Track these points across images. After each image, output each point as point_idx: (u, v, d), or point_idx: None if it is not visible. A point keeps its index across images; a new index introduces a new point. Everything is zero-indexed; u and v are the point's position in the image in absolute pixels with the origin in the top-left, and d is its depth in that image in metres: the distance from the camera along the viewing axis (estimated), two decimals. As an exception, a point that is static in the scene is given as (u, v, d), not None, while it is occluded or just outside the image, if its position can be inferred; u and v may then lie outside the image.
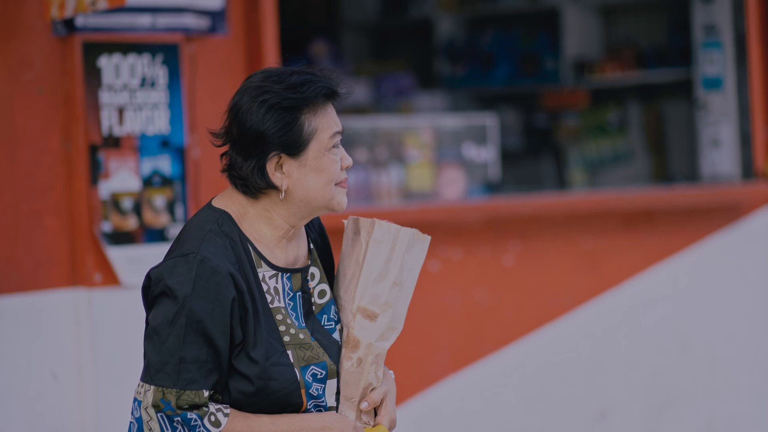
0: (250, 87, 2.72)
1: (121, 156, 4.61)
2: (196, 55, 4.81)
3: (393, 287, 2.81)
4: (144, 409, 2.64)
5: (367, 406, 2.81)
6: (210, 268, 2.64)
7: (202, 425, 2.63)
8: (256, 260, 2.72)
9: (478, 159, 6.44)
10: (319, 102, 2.72)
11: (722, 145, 6.70)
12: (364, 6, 9.03)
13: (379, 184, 6.05)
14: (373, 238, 2.81)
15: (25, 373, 4.46)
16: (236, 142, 2.71)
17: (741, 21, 6.62)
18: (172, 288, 2.64)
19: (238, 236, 2.71)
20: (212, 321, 2.63)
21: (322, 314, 2.82)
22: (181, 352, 2.62)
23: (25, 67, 4.50)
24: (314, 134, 2.71)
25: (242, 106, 2.70)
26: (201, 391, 2.62)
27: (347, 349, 2.79)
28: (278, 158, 2.70)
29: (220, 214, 2.73)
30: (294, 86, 2.70)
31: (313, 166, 2.72)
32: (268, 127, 2.68)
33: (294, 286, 2.77)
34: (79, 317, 4.57)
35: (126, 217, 4.62)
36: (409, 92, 7.78)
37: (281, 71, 2.74)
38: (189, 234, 2.71)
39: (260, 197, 2.74)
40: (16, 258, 4.48)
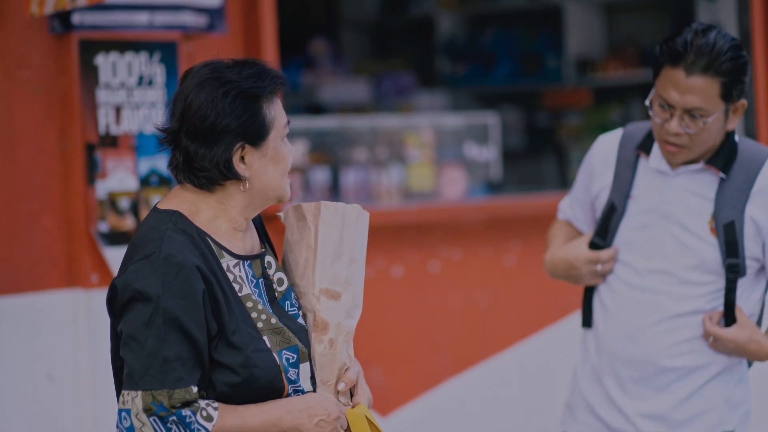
0: (206, 80, 2.71)
1: (118, 155, 4.61)
2: (194, 54, 4.81)
3: (350, 264, 2.84)
4: (135, 417, 2.62)
5: (344, 386, 2.82)
6: (176, 264, 2.63)
7: (196, 421, 2.62)
8: (218, 251, 2.72)
9: (479, 158, 6.44)
10: (274, 92, 2.75)
11: None
12: (364, 4, 9.04)
13: (379, 184, 6.05)
14: (321, 220, 2.83)
15: (23, 374, 4.46)
16: (196, 135, 2.69)
17: (746, 19, 6.62)
18: (142, 291, 2.62)
19: (195, 231, 2.71)
20: (188, 316, 2.62)
21: (285, 300, 2.83)
22: (163, 352, 2.60)
23: (22, 65, 4.49)
24: (272, 123, 2.73)
25: (202, 100, 2.68)
26: (190, 388, 2.62)
27: (317, 332, 2.81)
28: (242, 149, 2.71)
29: (172, 214, 2.72)
30: (251, 77, 2.71)
31: (272, 156, 2.74)
32: (234, 118, 2.68)
33: (256, 273, 2.78)
34: (76, 318, 4.57)
35: (123, 217, 4.62)
36: (409, 91, 7.79)
37: (226, 63, 2.74)
38: (144, 237, 2.69)
39: (216, 190, 2.74)
40: (13, 258, 4.48)
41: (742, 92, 3.38)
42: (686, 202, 3.45)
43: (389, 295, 5.56)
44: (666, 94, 3.34)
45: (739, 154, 3.44)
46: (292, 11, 8.22)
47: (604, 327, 3.55)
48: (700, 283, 3.44)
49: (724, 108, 3.35)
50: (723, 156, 3.43)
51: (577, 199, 3.70)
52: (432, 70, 8.71)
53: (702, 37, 3.32)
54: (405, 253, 5.59)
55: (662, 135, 3.39)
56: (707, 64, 3.30)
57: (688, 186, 3.45)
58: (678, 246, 3.45)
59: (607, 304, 3.54)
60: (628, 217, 3.52)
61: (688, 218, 3.44)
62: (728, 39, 3.35)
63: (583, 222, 3.69)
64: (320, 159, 5.98)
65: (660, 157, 3.47)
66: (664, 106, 3.35)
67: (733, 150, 3.44)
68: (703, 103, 3.32)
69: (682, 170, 3.45)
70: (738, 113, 3.41)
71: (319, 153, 6.01)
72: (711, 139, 3.37)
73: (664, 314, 3.45)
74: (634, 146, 3.54)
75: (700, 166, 3.44)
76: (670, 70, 3.33)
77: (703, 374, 3.47)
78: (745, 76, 3.37)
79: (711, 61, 3.30)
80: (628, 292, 3.50)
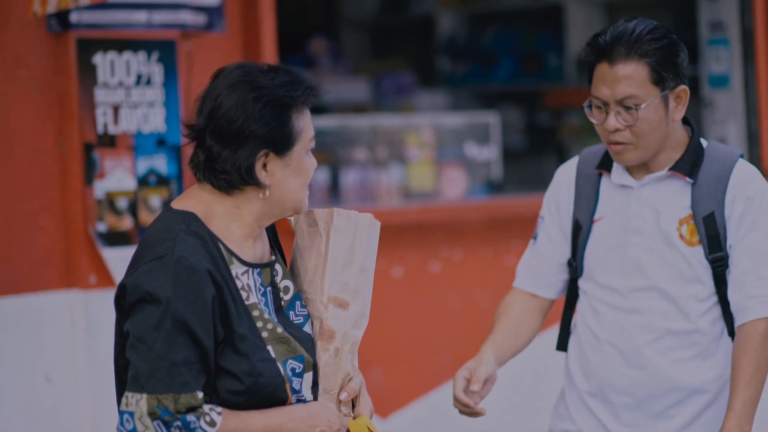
0: (239, 82, 2.69)
1: (116, 155, 4.61)
2: (192, 53, 4.80)
3: (360, 274, 2.82)
4: (138, 420, 2.59)
5: (347, 396, 2.81)
6: (188, 267, 2.60)
7: (199, 426, 2.60)
8: (228, 258, 2.69)
9: (480, 158, 6.43)
10: (305, 104, 2.73)
11: (729, 143, 6.67)
12: (364, 3, 9.05)
13: (379, 184, 6.04)
14: (334, 227, 2.81)
15: (21, 375, 4.46)
16: (222, 136, 2.67)
17: (748, 17, 6.61)
18: (152, 293, 2.59)
19: (207, 235, 2.68)
20: (197, 321, 2.60)
21: (289, 310, 2.81)
22: (171, 356, 2.57)
23: (19, 64, 4.49)
24: (300, 134, 2.71)
25: (232, 102, 2.66)
26: (195, 393, 2.60)
27: (323, 341, 2.79)
28: (265, 156, 2.69)
29: (186, 215, 2.69)
30: (284, 85, 2.69)
31: (295, 167, 2.72)
32: (260, 125, 2.66)
33: (264, 281, 2.76)
34: (74, 319, 4.56)
35: (121, 218, 4.62)
36: (409, 90, 7.78)
37: (262, 67, 2.72)
38: (156, 238, 2.66)
39: (234, 193, 2.71)
40: (11, 259, 4.47)
41: (678, 76, 3.23)
42: (656, 213, 3.30)
43: (389, 296, 5.55)
44: (597, 91, 3.22)
45: (707, 158, 3.30)
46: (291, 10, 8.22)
47: (592, 354, 3.39)
48: (687, 295, 3.29)
49: (659, 94, 3.19)
50: (687, 161, 3.28)
51: (547, 243, 3.48)
52: (432, 69, 8.71)
53: (621, 27, 3.22)
54: (405, 253, 5.58)
55: (605, 136, 3.26)
56: (627, 49, 3.18)
57: (656, 196, 3.31)
58: (656, 259, 3.30)
59: (594, 329, 3.38)
60: (599, 238, 3.36)
61: (660, 229, 3.29)
62: (650, 24, 3.23)
63: (547, 283, 3.47)
64: (320, 158, 5.95)
65: (621, 171, 3.34)
66: (599, 105, 3.24)
67: (699, 154, 3.30)
68: (633, 89, 3.18)
69: (646, 180, 3.31)
70: (682, 101, 3.25)
71: (319, 152, 5.99)
72: (655, 131, 3.22)
73: (656, 333, 3.30)
74: (593, 167, 3.40)
75: (663, 173, 3.29)
76: (597, 68, 3.23)
77: (703, 397, 3.32)
78: (676, 57, 3.22)
79: (631, 45, 3.18)
80: (615, 315, 3.34)
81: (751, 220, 3.26)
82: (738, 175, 3.29)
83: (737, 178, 3.29)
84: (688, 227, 3.28)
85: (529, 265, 3.52)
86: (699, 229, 3.27)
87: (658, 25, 3.25)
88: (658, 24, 3.26)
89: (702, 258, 3.27)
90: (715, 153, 3.32)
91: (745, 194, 3.27)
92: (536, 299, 3.50)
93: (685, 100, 3.25)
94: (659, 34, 3.22)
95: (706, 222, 3.27)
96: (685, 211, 3.28)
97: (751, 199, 3.26)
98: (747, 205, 3.26)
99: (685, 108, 3.26)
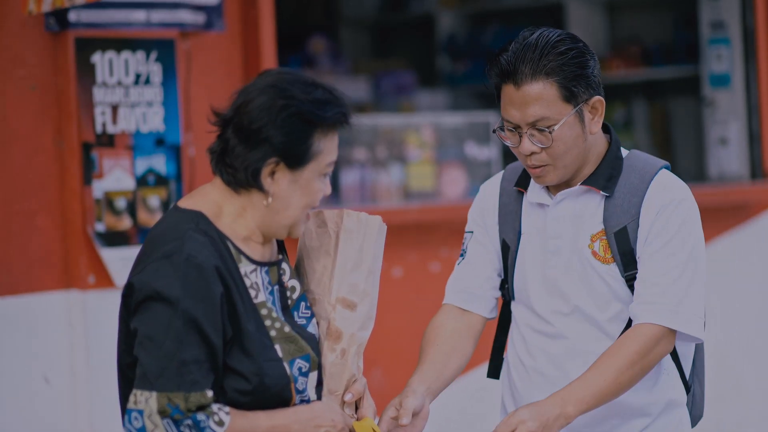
0: (273, 86, 2.70)
1: (115, 154, 4.61)
2: (191, 52, 4.80)
3: (368, 276, 2.83)
4: (147, 418, 2.59)
5: (351, 397, 2.82)
6: (196, 265, 2.60)
7: (208, 426, 2.59)
8: (236, 256, 2.70)
9: (481, 158, 6.42)
10: (333, 127, 2.72)
11: (730, 143, 6.70)
12: (364, 2, 9.06)
13: (378, 184, 6.05)
14: (343, 228, 2.82)
15: (18, 376, 4.46)
16: (241, 132, 2.69)
17: (750, 16, 6.63)
18: (161, 291, 2.59)
19: (215, 233, 2.69)
20: (206, 319, 2.60)
21: (294, 310, 2.82)
22: (181, 355, 2.58)
23: (17, 63, 4.49)
24: (317, 155, 2.70)
25: (261, 103, 2.68)
26: (205, 392, 2.60)
27: (330, 341, 2.79)
28: (275, 165, 2.69)
29: (194, 215, 2.70)
30: (317, 102, 2.69)
31: (303, 185, 2.71)
32: (279, 133, 2.66)
33: (272, 280, 2.77)
34: (72, 320, 4.56)
35: (120, 217, 4.62)
36: (409, 90, 7.78)
37: (305, 80, 2.72)
38: (164, 236, 2.67)
39: (241, 193, 2.72)
40: (9, 259, 4.47)
41: (590, 87, 3.00)
42: (572, 230, 3.07)
43: (389, 296, 5.53)
44: (507, 114, 3.01)
45: (626, 169, 3.06)
46: (290, 9, 8.22)
47: (521, 382, 3.18)
48: (609, 317, 3.05)
49: (572, 111, 2.97)
50: (602, 173, 3.05)
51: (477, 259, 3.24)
52: (432, 68, 8.70)
53: (522, 43, 2.99)
54: (405, 253, 5.57)
55: (522, 160, 3.05)
56: (532, 69, 2.95)
57: (571, 212, 3.08)
58: (574, 280, 3.06)
59: (521, 357, 3.17)
60: (523, 259, 3.14)
61: (576, 247, 3.06)
62: (554, 34, 2.99)
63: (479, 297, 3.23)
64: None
65: (538, 189, 3.12)
66: (511, 129, 3.03)
67: (617, 166, 3.06)
68: (543, 111, 2.96)
69: (560, 197, 3.08)
70: (598, 112, 3.03)
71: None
72: (573, 149, 3.00)
73: (583, 357, 3.05)
74: (513, 185, 3.19)
75: (577, 188, 3.06)
76: (504, 89, 3.02)
77: (642, 421, 3.09)
78: (585, 69, 2.98)
79: (535, 64, 2.95)
80: (540, 342, 3.12)
81: (660, 226, 3.02)
82: (655, 186, 3.06)
83: (654, 190, 3.05)
84: (602, 243, 3.04)
85: (458, 280, 3.27)
86: (611, 245, 3.03)
87: (562, 36, 3.01)
88: (562, 33, 3.02)
89: (618, 276, 3.04)
90: (634, 164, 3.09)
91: (659, 204, 3.03)
92: (468, 316, 3.25)
93: (602, 110, 3.04)
94: (564, 47, 2.98)
95: (617, 237, 3.03)
96: (598, 227, 3.05)
97: (664, 207, 3.03)
98: (658, 214, 3.02)
99: (602, 117, 3.04)
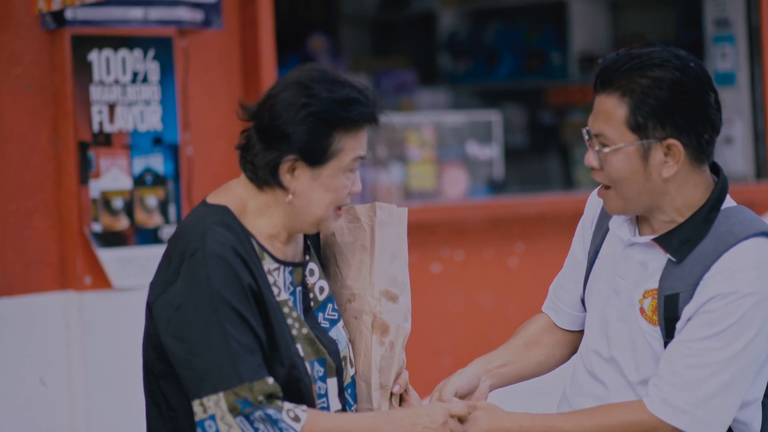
0: (298, 83, 2.69)
1: (111, 154, 4.60)
2: (189, 50, 4.79)
3: (404, 267, 2.85)
4: (221, 421, 2.58)
5: (399, 388, 2.82)
6: (221, 257, 2.61)
7: (282, 420, 2.58)
8: (260, 252, 2.71)
9: (482, 157, 6.42)
10: (357, 126, 2.71)
11: (735, 142, 6.70)
12: (364, 0, 9.05)
13: (379, 183, 6.04)
14: (378, 221, 2.82)
15: (14, 378, 4.45)
16: (262, 129, 2.70)
17: (755, 14, 6.65)
18: (194, 294, 2.61)
19: (240, 228, 2.69)
20: (240, 303, 2.61)
21: (319, 312, 2.81)
22: (230, 346, 2.58)
23: (13, 61, 4.48)
24: (338, 153, 2.69)
25: (283, 99, 2.68)
26: (266, 379, 2.59)
27: (377, 335, 2.80)
28: (294, 162, 2.68)
29: (219, 209, 2.72)
30: (342, 102, 2.68)
31: (325, 182, 2.70)
32: (297, 131, 2.66)
33: (295, 281, 2.76)
34: (69, 321, 4.55)
35: (117, 218, 4.60)
36: (410, 88, 7.80)
37: (334, 77, 2.71)
38: (188, 232, 2.68)
39: (265, 190, 2.72)
40: (4, 260, 4.46)
41: (670, 126, 2.68)
42: (634, 277, 2.81)
43: (390, 297, 5.52)
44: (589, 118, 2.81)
45: (710, 235, 2.72)
46: (290, 6, 8.22)
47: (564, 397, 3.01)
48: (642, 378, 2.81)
49: (636, 141, 2.69)
50: (681, 234, 2.74)
51: (569, 270, 3.05)
52: (433, 66, 8.72)
53: (628, 51, 2.73)
54: (406, 253, 5.55)
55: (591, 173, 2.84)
56: (608, 79, 2.71)
57: (639, 257, 2.81)
58: (623, 329, 2.82)
59: (566, 389, 2.99)
60: (591, 286, 2.92)
61: (632, 297, 2.80)
62: (665, 55, 2.69)
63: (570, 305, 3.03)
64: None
65: (620, 220, 2.86)
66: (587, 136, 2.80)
67: (700, 230, 2.74)
68: (605, 126, 2.71)
69: (633, 241, 2.82)
70: (675, 157, 2.70)
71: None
72: (630, 183, 2.72)
73: None
74: None
75: (647, 240, 2.79)
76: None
77: None
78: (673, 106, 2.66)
79: (612, 75, 2.70)
80: (583, 379, 2.92)
81: (709, 317, 2.70)
82: (727, 261, 2.70)
83: (723, 266, 2.70)
84: (652, 302, 2.78)
85: (552, 289, 3.10)
86: (659, 307, 2.76)
87: (672, 61, 2.70)
88: (677, 59, 2.71)
89: (660, 339, 2.77)
90: (720, 227, 2.73)
91: (717, 290, 2.69)
92: (557, 330, 3.07)
93: (679, 157, 2.71)
94: (661, 73, 2.68)
95: (667, 302, 2.74)
96: (654, 284, 2.78)
97: (723, 297, 2.69)
98: (713, 301, 2.69)
99: (679, 164, 2.72)
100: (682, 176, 2.74)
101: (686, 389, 2.71)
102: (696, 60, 2.77)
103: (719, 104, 2.77)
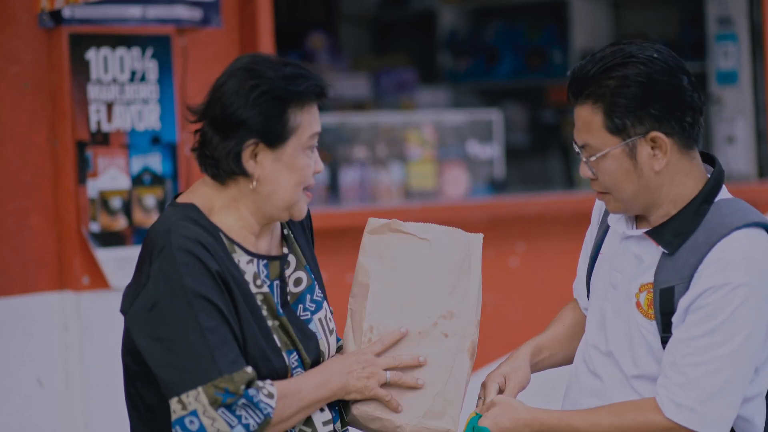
0: (241, 69, 2.70)
1: (109, 153, 4.60)
2: (188, 48, 4.79)
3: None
4: (203, 415, 2.58)
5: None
6: (188, 251, 2.62)
7: (261, 400, 2.60)
8: (229, 246, 2.71)
9: (482, 156, 6.42)
10: (308, 99, 2.71)
11: (737, 141, 6.70)
12: (364, -2, 9.08)
13: (379, 183, 6.03)
14: (474, 253, 2.99)
15: (12, 378, 4.46)
16: (216, 121, 2.69)
17: (757, 13, 6.66)
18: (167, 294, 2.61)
19: (207, 223, 2.69)
20: (218, 297, 2.62)
21: (297, 304, 2.81)
22: (207, 341, 2.58)
23: (11, 60, 4.48)
24: (296, 130, 2.70)
25: (229, 88, 2.68)
26: (245, 369, 2.60)
27: (471, 360, 2.94)
28: (255, 146, 2.68)
29: (186, 207, 2.72)
30: (287, 78, 2.69)
31: (288, 162, 2.70)
32: (252, 114, 2.66)
33: (271, 274, 2.77)
34: (67, 321, 4.56)
35: (115, 217, 4.60)
36: (410, 87, 7.81)
37: (274, 59, 2.75)
38: (155, 233, 2.68)
39: (229, 184, 2.72)
40: (2, 260, 4.47)
41: (648, 121, 2.69)
42: (630, 271, 2.81)
43: (390, 297, 5.51)
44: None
45: (703, 226, 2.72)
46: (289, 5, 8.22)
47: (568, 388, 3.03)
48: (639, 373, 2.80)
49: (620, 143, 2.69)
50: (673, 227, 2.74)
51: (581, 264, 3.07)
52: (433, 65, 8.73)
53: (594, 55, 2.72)
54: (406, 253, 5.54)
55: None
56: (579, 89, 2.71)
57: (634, 251, 2.81)
58: (620, 324, 2.83)
59: (568, 383, 3.00)
60: (593, 280, 2.94)
61: (629, 291, 2.80)
62: (627, 50, 2.69)
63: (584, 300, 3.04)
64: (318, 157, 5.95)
65: (618, 215, 2.88)
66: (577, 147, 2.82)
67: (693, 221, 2.73)
68: (587, 136, 2.72)
69: (628, 234, 2.83)
70: (662, 149, 2.71)
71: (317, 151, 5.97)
72: (624, 184, 2.73)
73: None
74: None
75: (640, 233, 2.79)
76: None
77: None
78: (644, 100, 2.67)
79: (582, 84, 2.70)
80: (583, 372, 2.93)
81: (705, 312, 2.69)
82: (719, 252, 2.69)
83: (716, 257, 2.69)
84: (647, 296, 2.77)
85: (575, 285, 3.13)
86: (655, 301, 2.75)
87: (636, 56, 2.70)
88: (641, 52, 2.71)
89: (657, 333, 2.77)
90: (712, 219, 2.73)
91: (710, 282, 2.68)
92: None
93: (665, 148, 2.71)
94: (625, 70, 2.69)
95: (662, 295, 2.74)
96: (649, 278, 2.78)
97: (716, 290, 2.68)
98: (706, 294, 2.69)
99: (668, 154, 2.72)
100: (673, 165, 2.75)
101: (692, 387, 2.71)
102: (661, 48, 2.76)
103: (694, 84, 2.75)
